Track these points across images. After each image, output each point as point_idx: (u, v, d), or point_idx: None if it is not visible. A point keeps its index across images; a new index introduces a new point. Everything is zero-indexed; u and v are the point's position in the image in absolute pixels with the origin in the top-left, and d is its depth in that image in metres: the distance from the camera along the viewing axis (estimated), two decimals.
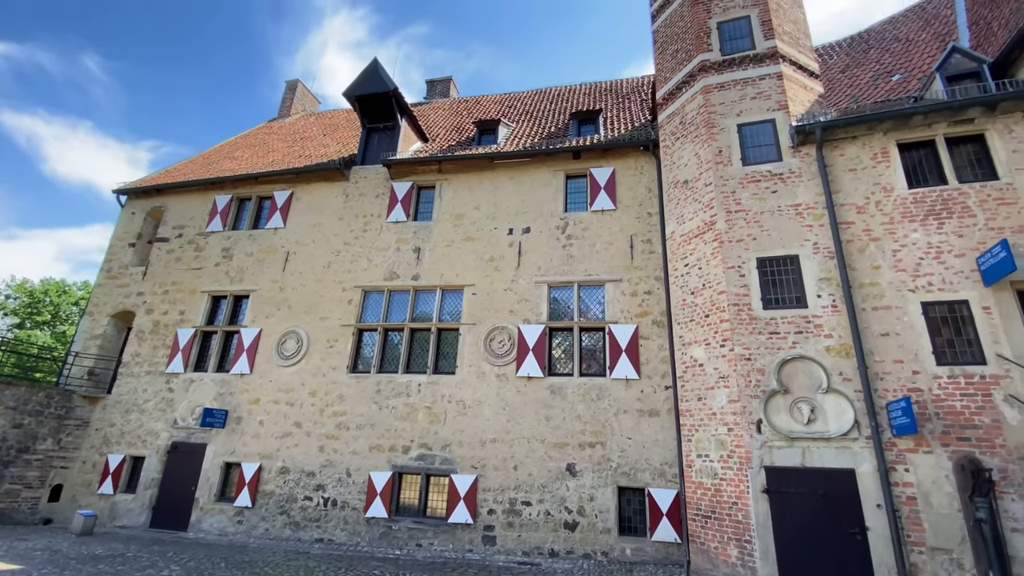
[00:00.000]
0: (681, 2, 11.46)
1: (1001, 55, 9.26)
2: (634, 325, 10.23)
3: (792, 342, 7.95)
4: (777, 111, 9.42)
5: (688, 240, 9.61)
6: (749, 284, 8.48)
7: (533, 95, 17.59)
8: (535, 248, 11.45)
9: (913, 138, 8.59)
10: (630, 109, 14.16)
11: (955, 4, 13.08)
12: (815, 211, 8.55)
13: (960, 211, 7.93)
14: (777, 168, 9.05)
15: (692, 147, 10.01)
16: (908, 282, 7.82)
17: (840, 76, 13.07)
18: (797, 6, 11.04)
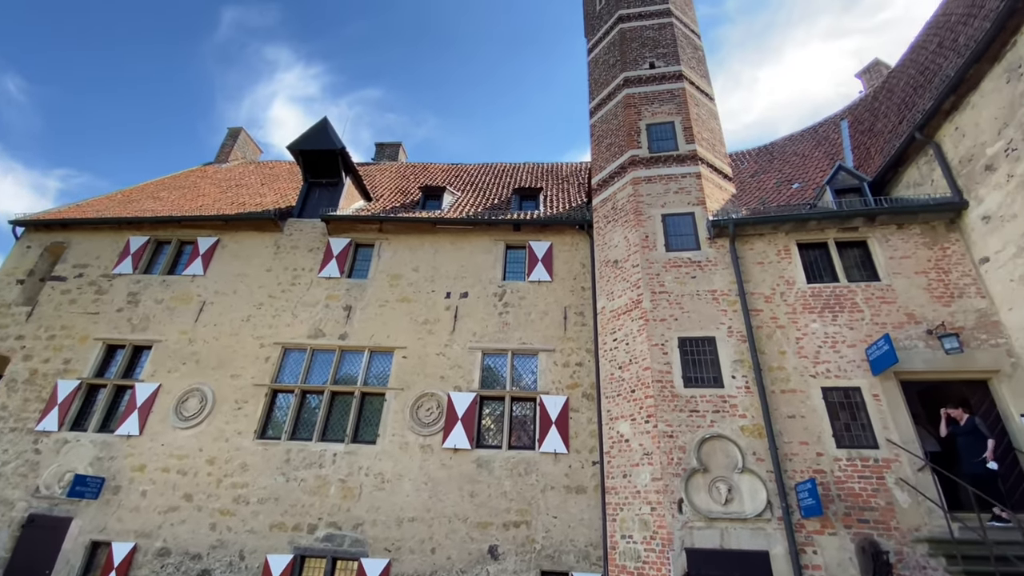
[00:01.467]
0: (616, 104, 12.73)
1: (878, 176, 10.95)
2: (565, 396, 10.25)
3: (711, 420, 8.27)
4: (696, 206, 10.40)
5: (617, 316, 10.01)
6: (671, 362, 8.87)
7: (479, 168, 18.37)
8: (472, 313, 11.45)
9: (810, 239, 9.73)
10: (568, 190, 15.10)
11: (841, 130, 15.48)
12: (729, 297, 9.27)
13: (850, 306, 8.91)
14: (696, 256, 9.84)
15: (622, 231, 10.72)
16: (810, 368, 8.51)
17: (750, 180, 14.79)
18: (713, 118, 12.60)
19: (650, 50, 13.17)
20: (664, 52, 13.02)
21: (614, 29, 14.10)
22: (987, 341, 8.15)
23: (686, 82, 12.45)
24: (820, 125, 16.49)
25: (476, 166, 18.67)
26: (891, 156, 10.56)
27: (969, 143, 8.88)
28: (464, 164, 18.97)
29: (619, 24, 14.03)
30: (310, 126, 14.30)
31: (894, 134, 11.24)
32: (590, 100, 14.09)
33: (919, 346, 8.32)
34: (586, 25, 16.09)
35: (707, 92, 13.02)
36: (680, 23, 13.90)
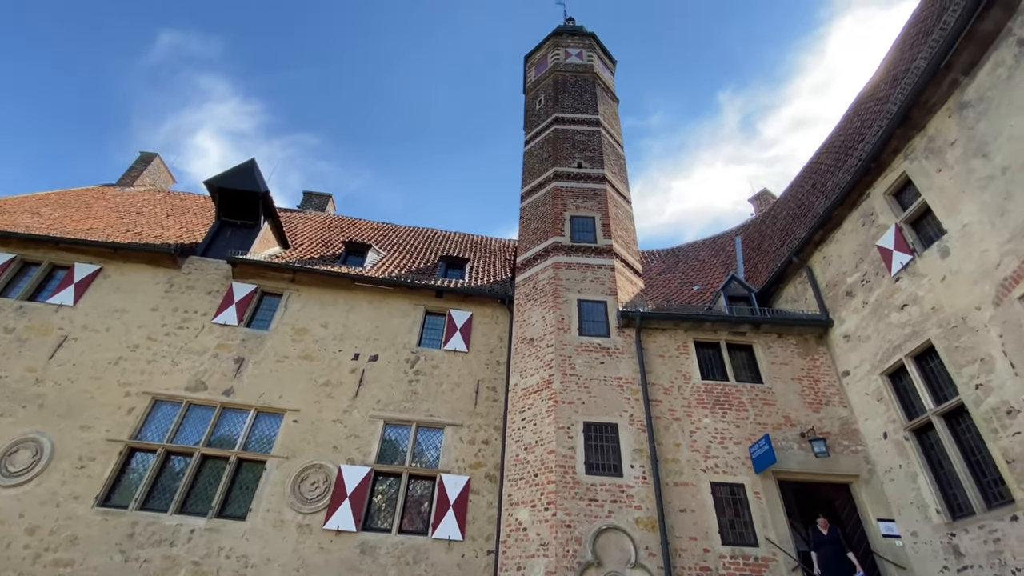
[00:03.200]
0: (545, 193, 13.62)
1: (763, 288, 12.39)
2: (467, 477, 9.81)
3: (608, 511, 8.24)
4: (609, 295, 11.06)
5: (528, 394, 10.01)
6: (576, 447, 8.90)
7: (409, 230, 18.43)
8: (379, 379, 10.90)
9: (705, 339, 10.59)
10: (495, 264, 15.49)
11: (736, 245, 17.56)
12: (632, 386, 9.68)
13: (737, 405, 9.63)
14: (606, 343, 10.30)
15: (540, 310, 11.05)
16: (701, 462, 8.91)
17: (658, 278, 16.10)
18: (629, 219, 13.82)
19: (579, 152, 14.47)
20: (591, 156, 14.35)
21: (550, 128, 15.41)
22: (848, 447, 9.08)
23: (608, 184, 13.69)
24: (719, 237, 18.62)
25: (406, 228, 18.72)
26: (774, 273, 12.08)
27: (834, 271, 10.42)
28: (394, 224, 18.95)
29: (555, 124, 15.38)
30: (236, 164, 13.72)
31: (777, 255, 12.94)
32: (523, 185, 14.95)
33: (794, 447, 9.07)
34: (526, 119, 17.46)
35: (625, 196, 14.36)
36: (607, 133, 15.52)
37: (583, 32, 18.56)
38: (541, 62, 18.33)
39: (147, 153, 20.24)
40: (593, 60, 17.69)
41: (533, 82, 18.11)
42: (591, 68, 17.27)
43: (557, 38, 18.36)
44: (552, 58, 17.73)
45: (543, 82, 17.42)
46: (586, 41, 18.31)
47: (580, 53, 17.81)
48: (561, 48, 17.94)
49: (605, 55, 18.88)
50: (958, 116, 7.58)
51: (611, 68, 19.11)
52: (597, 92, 16.53)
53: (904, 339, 8.34)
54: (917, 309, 8.14)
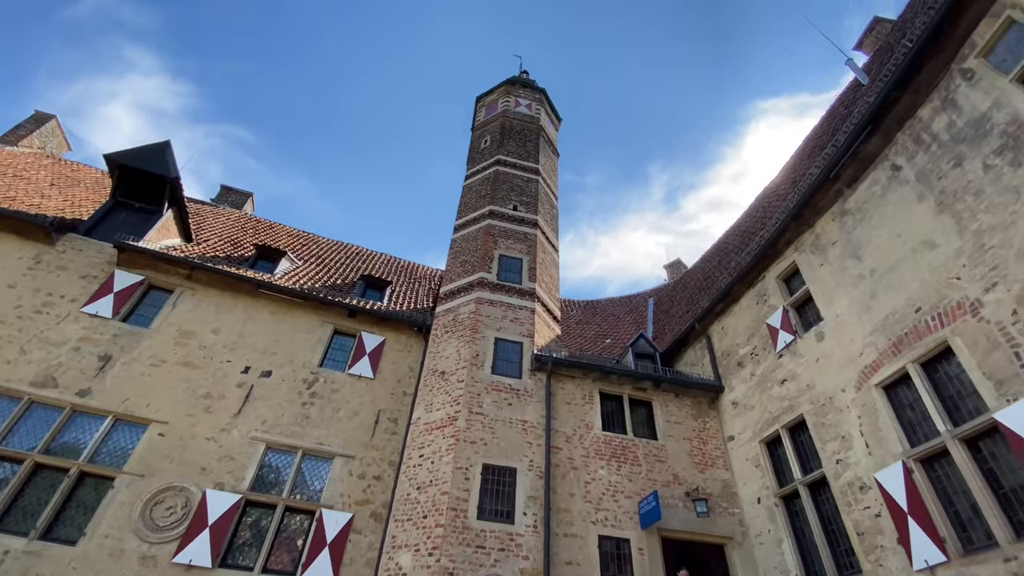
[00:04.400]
0: (479, 228, 13.73)
1: (667, 350, 13.13)
2: (351, 514, 9.10)
3: (495, 559, 7.96)
4: (526, 337, 11.16)
5: (430, 430, 9.65)
6: (471, 489, 8.62)
7: (331, 243, 17.65)
8: (269, 397, 10.01)
9: (611, 391, 10.91)
10: (417, 291, 15.16)
11: (648, 306, 18.62)
12: (536, 431, 9.67)
13: (632, 459, 9.91)
14: (517, 384, 10.28)
15: (457, 344, 10.86)
16: (592, 514, 8.97)
17: (575, 327, 16.57)
18: (555, 267, 14.25)
19: (516, 195, 14.86)
20: (527, 201, 14.79)
21: (492, 168, 15.75)
22: (727, 510, 9.60)
23: (539, 230, 14.10)
24: (634, 296, 19.69)
25: (328, 240, 17.91)
26: (678, 336, 12.89)
27: (730, 341, 11.30)
28: (315, 234, 18.06)
29: (496, 165, 15.75)
30: (148, 142, 12.53)
31: (682, 320, 13.87)
32: (458, 218, 14.99)
33: (679, 506, 9.42)
34: (470, 155, 17.74)
35: (554, 244, 14.85)
36: (544, 183, 16.14)
37: (535, 86, 19.50)
38: (492, 105, 18.92)
39: (43, 113, 17.93)
40: (541, 114, 18.56)
41: (482, 122, 18.57)
42: (538, 120, 18.08)
43: (510, 86, 19.12)
44: (503, 104, 18.37)
45: (491, 124, 17.92)
46: (536, 95, 19.23)
47: (530, 105, 18.63)
48: (512, 96, 18.67)
49: (552, 111, 19.90)
50: (840, 221, 8.73)
51: (556, 124, 20.14)
52: (540, 143, 17.27)
53: (782, 411, 9.12)
54: (795, 385, 8.99)
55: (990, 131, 6.29)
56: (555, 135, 19.44)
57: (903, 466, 6.54)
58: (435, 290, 15.12)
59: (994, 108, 6.28)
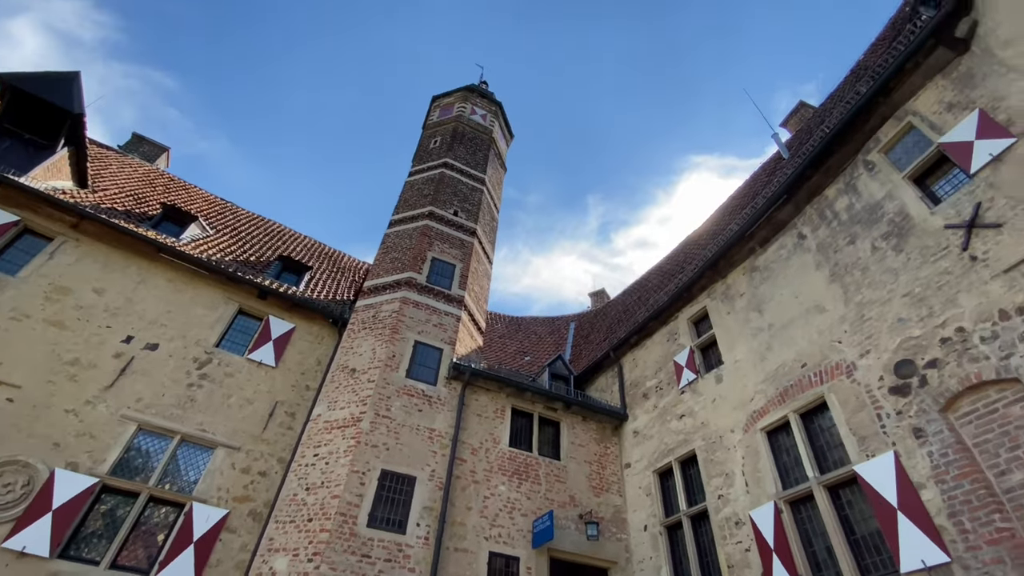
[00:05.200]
0: (415, 227, 13.43)
1: (581, 374, 13.51)
2: (226, 511, 8.33)
3: (379, 570, 7.63)
4: (447, 344, 10.99)
5: (330, 429, 9.14)
6: (364, 495, 8.24)
7: (250, 216, 16.42)
8: (151, 372, 9.00)
9: (523, 407, 11.00)
10: (339, 282, 14.45)
11: (570, 329, 19.12)
12: (443, 440, 9.48)
13: (533, 477, 10.00)
14: (430, 391, 10.06)
15: (373, 342, 10.45)
16: (486, 529, 8.89)
17: (498, 340, 16.61)
18: (486, 278, 14.25)
19: (459, 201, 14.76)
20: (469, 209, 14.73)
21: (438, 169, 15.54)
22: (615, 535, 9.93)
23: (477, 240, 14.07)
24: (557, 319, 20.16)
25: (248, 213, 16.65)
26: (593, 362, 13.33)
27: (639, 373, 11.85)
28: (234, 204, 16.72)
29: (443, 168, 15.57)
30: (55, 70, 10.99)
31: (599, 347, 14.37)
32: (395, 213, 14.58)
33: (572, 527, 9.61)
34: (417, 152, 17.41)
35: (489, 256, 14.87)
36: (489, 194, 16.19)
37: (492, 98, 19.65)
38: (447, 108, 18.78)
39: None
40: (495, 126, 18.69)
41: (435, 122, 18.35)
42: (491, 132, 18.18)
43: (468, 93, 19.10)
44: (459, 108, 18.29)
45: (444, 126, 17.75)
46: (492, 108, 19.37)
47: (484, 116, 18.70)
48: (469, 103, 18.66)
49: (506, 126, 20.12)
50: (749, 275, 9.52)
51: (508, 140, 20.37)
52: (490, 155, 17.34)
53: (677, 444, 9.66)
54: (691, 421, 9.57)
55: (880, 218, 7.18)
56: (505, 150, 19.65)
57: (775, 506, 7.13)
58: (358, 283, 14.51)
59: (886, 199, 7.19)
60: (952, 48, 6.75)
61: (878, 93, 7.40)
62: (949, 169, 6.60)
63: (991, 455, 5.11)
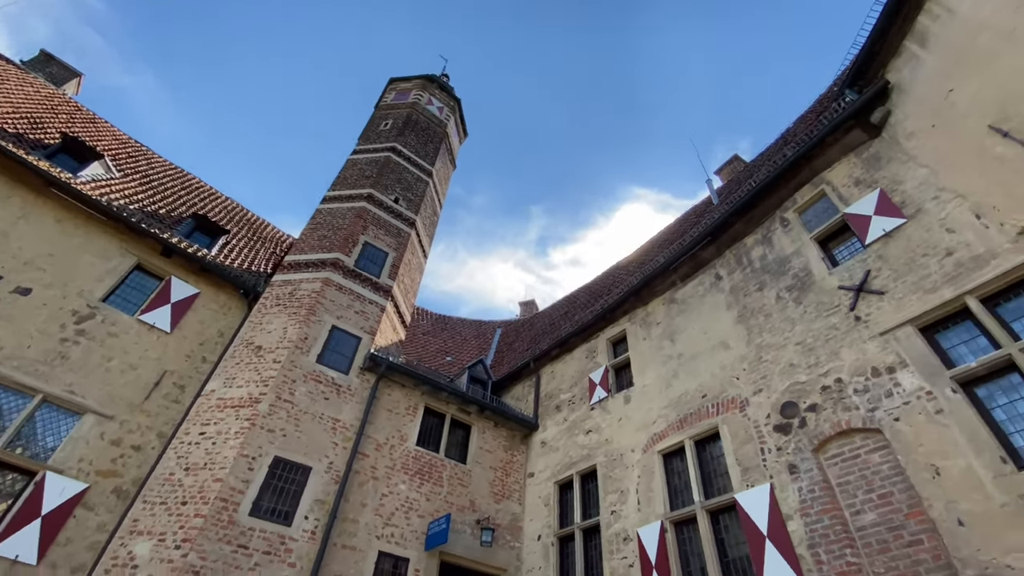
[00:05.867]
0: (352, 207, 12.89)
1: (500, 380, 13.56)
2: (86, 485, 7.44)
3: (255, 563, 7.13)
4: (367, 334, 10.59)
5: (223, 407, 8.47)
6: (252, 482, 7.69)
7: (166, 165, 14.93)
8: (17, 320, 7.87)
9: (436, 407, 10.83)
10: (257, 250, 13.50)
11: (496, 335, 19.18)
12: (348, 432, 9.10)
13: (436, 478, 9.85)
14: (341, 379, 9.63)
15: (286, 320, 9.85)
16: (379, 528, 8.62)
17: (422, 336, 16.30)
18: (419, 271, 13.97)
19: (402, 189, 14.37)
20: (411, 198, 14.38)
21: (385, 152, 15.06)
22: (509, 542, 10.00)
23: (415, 231, 13.76)
24: (485, 323, 20.18)
25: (164, 161, 15.13)
26: (513, 370, 13.44)
27: (556, 385, 12.10)
28: (149, 148, 15.13)
29: (391, 152, 15.11)
30: None
31: (521, 356, 14.53)
32: (331, 189, 13.91)
33: (467, 532, 9.56)
34: (365, 131, 16.77)
35: (425, 249, 14.59)
36: (434, 188, 15.93)
37: (452, 93, 19.41)
38: (404, 93, 18.30)
39: None
40: (450, 121, 18.47)
41: (389, 104, 17.81)
42: (445, 126, 17.93)
43: (427, 82, 18.75)
44: (415, 96, 17.88)
45: (398, 110, 17.27)
46: (451, 103, 19.14)
47: (441, 109, 18.43)
48: (427, 93, 18.31)
49: (461, 123, 19.96)
50: (668, 306, 10.06)
51: (461, 138, 20.21)
52: (442, 149, 17.09)
53: (580, 458, 9.94)
54: (597, 437, 9.89)
55: (787, 271, 7.88)
56: (458, 147, 19.46)
57: (661, 525, 7.52)
58: (279, 256, 13.64)
59: (795, 254, 7.90)
60: (866, 131, 7.59)
61: (800, 159, 8.15)
62: (848, 237, 7.38)
63: (850, 495, 5.71)
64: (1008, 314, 5.33)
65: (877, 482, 5.51)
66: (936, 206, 6.27)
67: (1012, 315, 5.31)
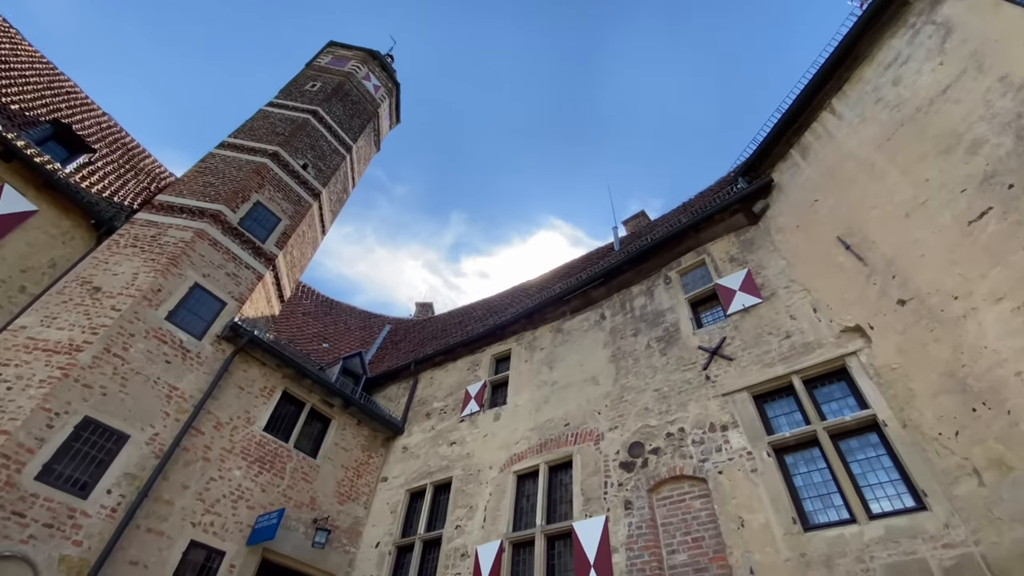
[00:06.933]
0: (251, 161, 11.76)
1: (375, 377, 13.03)
2: None
3: (30, 534, 6.00)
4: (235, 300, 9.62)
5: (32, 348, 7.16)
6: (47, 440, 6.53)
7: (34, 54, 12.46)
8: None
9: (297, 394, 10.06)
10: (125, 179, 11.71)
11: (383, 330, 18.47)
12: (185, 403, 8.10)
13: (278, 469, 9.10)
14: (191, 344, 8.59)
15: (139, 265, 8.62)
16: (198, 514, 7.71)
17: (301, 316, 15.21)
18: (312, 247, 13.09)
19: (315, 157, 13.46)
20: (322, 169, 13.52)
21: (306, 115, 14.04)
22: (345, 546, 9.49)
23: (318, 204, 12.90)
24: (375, 316, 19.40)
25: (32, 49, 12.64)
26: (392, 369, 13.02)
27: (432, 391, 11.89)
28: (18, 32, 12.63)
29: (312, 116, 14.12)
30: None
31: (404, 357, 14.13)
32: (233, 135, 12.63)
33: (300, 530, 8.90)
34: (288, 86, 15.55)
35: (325, 226, 13.74)
36: (350, 165, 15.15)
37: (393, 76, 18.77)
38: (341, 59, 17.34)
39: None
40: (385, 103, 17.80)
41: (322, 66, 16.74)
42: (378, 107, 17.24)
43: (370, 57, 17.96)
44: (353, 66, 17.01)
45: (331, 75, 16.27)
46: (390, 85, 18.49)
47: (378, 88, 17.71)
48: (367, 68, 17.51)
49: (396, 109, 19.34)
50: (554, 334, 10.43)
51: (392, 123, 19.55)
52: (368, 128, 16.36)
53: (438, 469, 9.80)
54: (460, 450, 9.84)
55: (660, 323, 8.58)
56: (386, 130, 18.79)
57: (500, 544, 7.61)
58: (151, 192, 11.98)
59: (669, 310, 8.64)
60: (748, 217, 8.61)
61: (691, 228, 9.02)
62: (715, 304, 8.25)
63: (670, 535, 6.23)
64: (821, 396, 6.26)
65: (695, 526, 6.08)
66: (786, 294, 7.24)
67: (824, 398, 6.23)
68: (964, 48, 5.97)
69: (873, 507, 5.18)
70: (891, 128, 6.59)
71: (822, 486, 5.64)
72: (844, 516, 5.25)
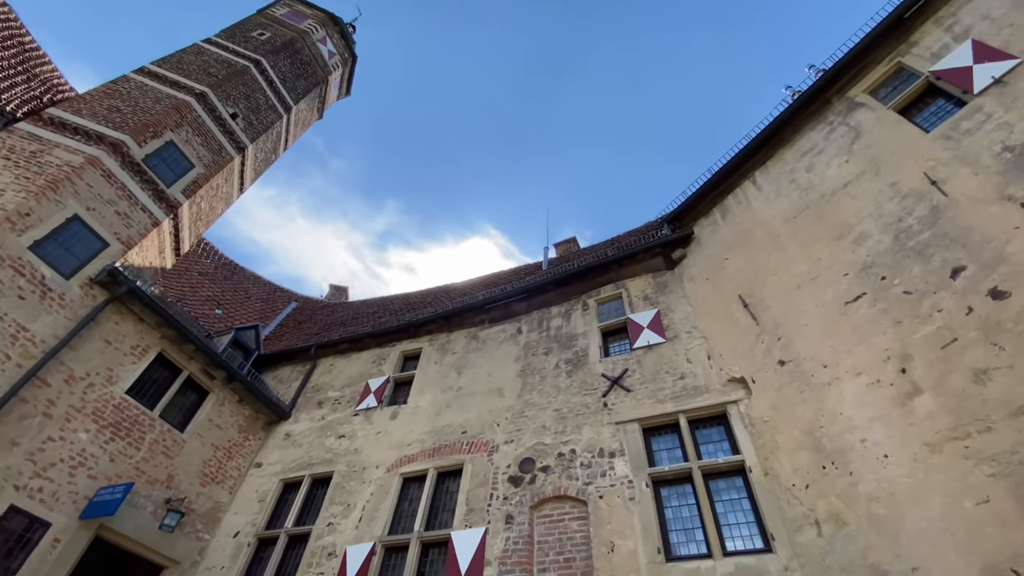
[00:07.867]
0: (172, 95, 10.61)
1: (267, 355, 12.12)
2: None
3: None
4: (119, 243, 8.54)
5: None
6: None
7: None
8: None
9: (176, 359, 9.08)
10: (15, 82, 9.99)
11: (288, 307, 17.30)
12: (31, 348, 6.94)
13: (135, 439, 8.11)
14: (55, 282, 7.47)
15: (8, 180, 7.41)
16: (25, 477, 6.64)
17: (196, 275, 13.88)
18: (224, 203, 11.95)
19: (248, 110, 12.44)
20: (254, 123, 12.52)
21: (247, 62, 12.96)
22: (198, 532, 8.62)
23: (240, 159, 11.92)
24: (281, 290, 18.16)
25: None
26: (289, 349, 12.23)
27: (329, 379, 11.27)
28: None
29: (253, 66, 13.07)
30: None
31: (306, 338, 13.32)
32: (155, 64, 11.37)
33: (148, 509, 7.97)
34: (232, 28, 14.33)
35: (244, 184, 12.70)
36: (286, 126, 14.20)
37: (351, 47, 17.96)
38: (298, 15, 16.31)
39: None
40: (337, 72, 16.95)
41: (275, 17, 15.62)
42: (328, 75, 16.37)
43: (329, 20, 17.05)
44: (309, 25, 16.04)
45: (283, 28, 15.22)
46: (346, 55, 17.67)
47: (332, 55, 16.83)
48: (324, 31, 16.59)
49: (348, 81, 18.50)
50: (468, 340, 10.37)
51: (341, 93, 18.67)
52: (314, 93, 15.47)
53: (320, 461, 9.27)
54: (347, 444, 9.39)
55: (572, 347, 8.83)
56: (333, 98, 17.89)
57: (373, 547, 7.30)
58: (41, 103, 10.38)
59: (582, 336, 8.94)
60: (667, 262, 9.18)
61: (615, 262, 9.45)
62: (623, 337, 8.66)
63: (544, 553, 6.33)
64: (702, 437, 6.74)
65: (568, 547, 6.24)
66: (687, 338, 7.77)
67: (704, 439, 6.72)
68: (867, 152, 6.86)
69: (728, 545, 5.62)
70: (798, 207, 7.37)
71: (688, 520, 6.04)
72: (703, 551, 5.66)
